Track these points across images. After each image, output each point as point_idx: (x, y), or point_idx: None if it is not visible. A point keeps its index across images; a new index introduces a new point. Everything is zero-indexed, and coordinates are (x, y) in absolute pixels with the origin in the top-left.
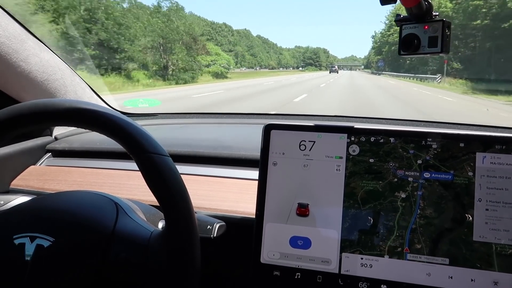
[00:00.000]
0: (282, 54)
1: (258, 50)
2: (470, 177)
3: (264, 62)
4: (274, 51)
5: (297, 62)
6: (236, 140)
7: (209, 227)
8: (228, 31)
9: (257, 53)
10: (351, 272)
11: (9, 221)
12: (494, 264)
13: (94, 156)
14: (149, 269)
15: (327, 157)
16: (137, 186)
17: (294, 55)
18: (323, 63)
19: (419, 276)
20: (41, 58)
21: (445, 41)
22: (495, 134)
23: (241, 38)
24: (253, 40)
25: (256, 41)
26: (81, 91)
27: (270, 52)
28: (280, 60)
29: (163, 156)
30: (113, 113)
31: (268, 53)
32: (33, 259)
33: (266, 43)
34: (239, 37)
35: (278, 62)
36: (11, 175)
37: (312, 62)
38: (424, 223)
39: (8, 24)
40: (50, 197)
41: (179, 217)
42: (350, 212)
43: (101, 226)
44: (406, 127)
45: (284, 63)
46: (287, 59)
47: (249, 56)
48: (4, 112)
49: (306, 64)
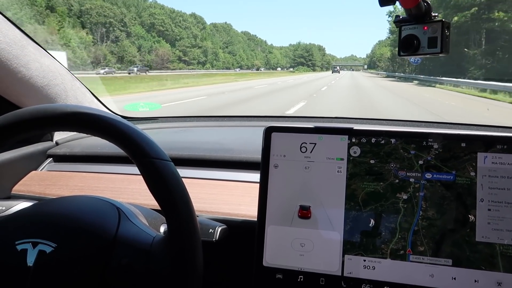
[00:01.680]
0: (272, 52)
1: (239, 47)
2: (472, 177)
3: (246, 61)
4: (262, 49)
5: (290, 61)
6: (237, 143)
7: (211, 230)
8: (198, 23)
9: (237, 50)
10: (354, 274)
11: (11, 227)
12: (498, 265)
13: (95, 161)
14: (151, 274)
15: (328, 159)
16: (139, 190)
17: (287, 54)
18: (317, 62)
19: (422, 278)
20: (42, 64)
21: (445, 41)
22: (496, 134)
23: (218, 32)
24: (235, 36)
25: (239, 37)
26: (82, 96)
27: (256, 50)
28: (268, 60)
29: (165, 161)
30: (114, 117)
31: (254, 51)
32: (35, 265)
33: (253, 40)
34: (216, 31)
35: (266, 62)
36: (12, 180)
37: (304, 61)
38: (426, 225)
39: (8, 30)
40: (51, 203)
41: (181, 221)
42: (352, 214)
43: (103, 231)
44: (407, 128)
45: (274, 62)
46: (278, 58)
47: (225, 55)
48: (5, 117)
49: (296, 64)
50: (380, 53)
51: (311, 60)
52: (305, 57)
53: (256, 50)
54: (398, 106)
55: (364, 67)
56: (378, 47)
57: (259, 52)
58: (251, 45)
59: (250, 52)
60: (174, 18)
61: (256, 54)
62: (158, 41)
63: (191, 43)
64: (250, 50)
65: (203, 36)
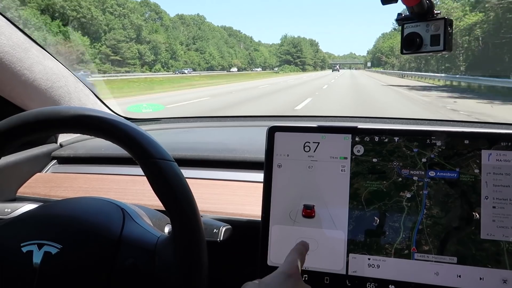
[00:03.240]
0: (259, 50)
1: (210, 44)
2: (476, 174)
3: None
4: (246, 46)
5: (280, 60)
6: (240, 143)
7: (215, 230)
8: (151, 12)
9: (206, 47)
10: (358, 273)
11: (17, 229)
12: (503, 262)
13: (99, 162)
14: (156, 274)
15: (331, 158)
16: (143, 191)
17: (276, 51)
18: (308, 59)
19: (427, 276)
20: (45, 66)
21: (448, 39)
22: (500, 131)
23: (184, 25)
24: (209, 31)
25: (215, 32)
26: (85, 98)
27: (236, 47)
28: (253, 58)
29: (169, 162)
30: (117, 119)
31: (233, 49)
32: (41, 266)
33: (235, 36)
34: (181, 24)
35: (249, 61)
36: (17, 182)
37: (291, 59)
38: (431, 223)
39: (11, 34)
40: (56, 204)
41: (185, 221)
42: (356, 213)
43: (108, 232)
44: (410, 126)
45: (261, 61)
46: (265, 56)
47: (191, 52)
48: (10, 120)
49: (282, 62)
50: (389, 45)
51: (299, 57)
52: (292, 54)
53: (237, 47)
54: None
55: (368, 65)
56: (382, 41)
57: (241, 50)
58: (231, 41)
59: (227, 50)
60: (104, 1)
61: (237, 52)
62: (64, 31)
63: (128, 36)
64: (228, 47)
65: (152, 28)
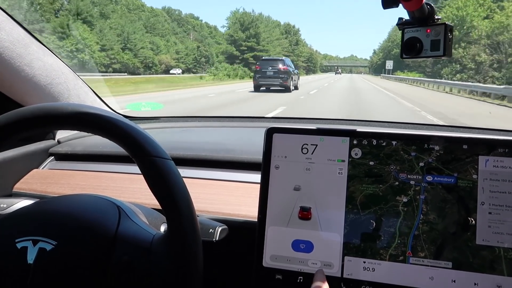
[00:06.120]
0: (221, 43)
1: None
2: (474, 180)
3: (121, 57)
4: (196, 36)
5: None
6: (238, 144)
7: (211, 230)
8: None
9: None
10: (353, 276)
11: (12, 225)
12: (498, 268)
13: (96, 160)
14: (151, 272)
15: (329, 160)
16: (140, 189)
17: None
18: (271, 51)
19: (422, 280)
20: (45, 62)
21: (448, 44)
22: (498, 137)
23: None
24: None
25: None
26: (84, 95)
27: (168, 37)
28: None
29: (165, 160)
30: (116, 116)
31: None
32: (35, 262)
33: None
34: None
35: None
36: (14, 178)
37: (238, 54)
38: (427, 229)
39: (12, 29)
40: (52, 201)
41: (181, 220)
42: (352, 216)
43: (103, 229)
44: (409, 130)
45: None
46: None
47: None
48: (8, 116)
49: (228, 57)
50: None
51: (255, 50)
52: (242, 43)
53: (170, 36)
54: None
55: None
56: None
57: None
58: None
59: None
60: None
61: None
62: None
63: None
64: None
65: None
